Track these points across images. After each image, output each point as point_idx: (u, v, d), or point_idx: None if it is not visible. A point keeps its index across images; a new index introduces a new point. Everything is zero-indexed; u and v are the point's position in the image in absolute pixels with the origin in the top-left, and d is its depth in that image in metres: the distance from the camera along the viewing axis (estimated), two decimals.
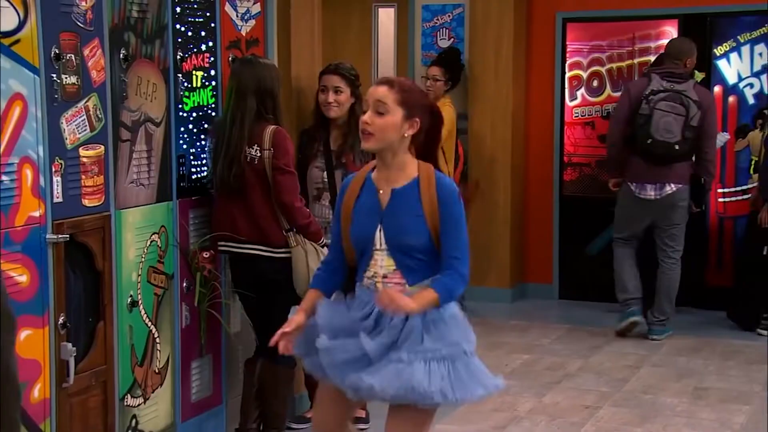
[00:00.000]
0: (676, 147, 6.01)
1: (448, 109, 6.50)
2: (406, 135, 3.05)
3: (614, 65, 7.15)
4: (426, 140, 3.13)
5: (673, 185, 6.10)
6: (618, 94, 6.84)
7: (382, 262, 3.06)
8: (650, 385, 5.41)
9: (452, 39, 7.46)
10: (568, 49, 7.30)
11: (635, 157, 6.13)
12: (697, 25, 6.90)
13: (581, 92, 7.27)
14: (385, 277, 3.06)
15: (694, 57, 6.22)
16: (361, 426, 4.56)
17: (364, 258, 3.09)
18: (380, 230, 3.06)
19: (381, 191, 3.10)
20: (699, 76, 6.87)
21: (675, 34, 6.95)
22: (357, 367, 2.96)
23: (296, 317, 3.20)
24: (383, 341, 2.96)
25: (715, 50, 6.88)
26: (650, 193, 6.15)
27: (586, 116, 7.25)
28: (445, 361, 2.99)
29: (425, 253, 3.05)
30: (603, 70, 7.20)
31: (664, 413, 4.95)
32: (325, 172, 4.49)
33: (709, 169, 6.20)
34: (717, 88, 6.87)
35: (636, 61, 7.04)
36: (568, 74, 7.31)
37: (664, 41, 6.87)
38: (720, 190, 6.95)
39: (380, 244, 3.06)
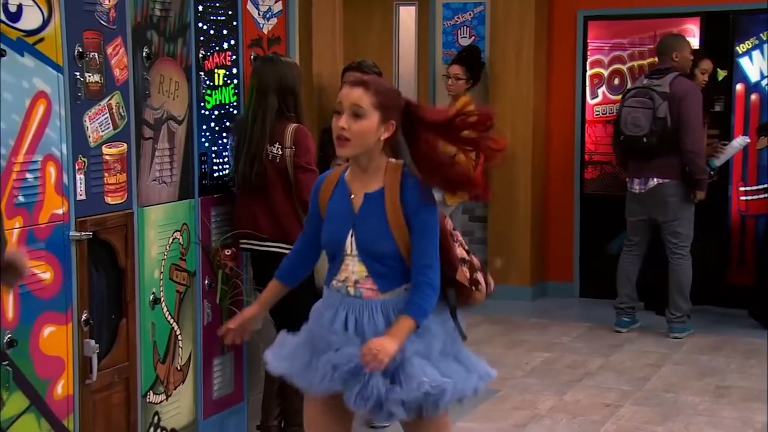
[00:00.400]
0: (644, 140, 6.06)
1: (469, 108, 6.49)
2: (382, 138, 2.93)
3: (635, 63, 7.12)
4: (407, 137, 2.97)
5: (656, 179, 6.13)
6: None
7: (353, 268, 2.96)
8: (672, 384, 5.39)
9: (473, 37, 7.45)
10: (589, 47, 7.28)
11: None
12: (719, 22, 6.87)
13: (602, 90, 7.25)
14: (357, 282, 2.96)
15: (683, 50, 6.22)
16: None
17: (335, 261, 3.00)
18: (351, 236, 2.95)
19: (353, 195, 2.98)
20: (721, 74, 6.85)
21: (697, 32, 6.93)
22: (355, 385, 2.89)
23: (249, 309, 3.20)
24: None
25: (737, 48, 6.84)
26: (636, 187, 6.25)
27: (607, 114, 7.22)
28: (441, 356, 2.93)
29: (396, 259, 2.93)
30: (624, 68, 7.18)
31: (686, 412, 4.93)
32: None
33: (694, 161, 6.10)
34: (739, 86, 6.84)
35: (657, 59, 7.00)
36: (589, 72, 7.29)
37: (687, 39, 6.84)
38: (742, 188, 6.92)
39: (351, 250, 2.95)
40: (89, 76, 3.39)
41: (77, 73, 3.33)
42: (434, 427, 2.97)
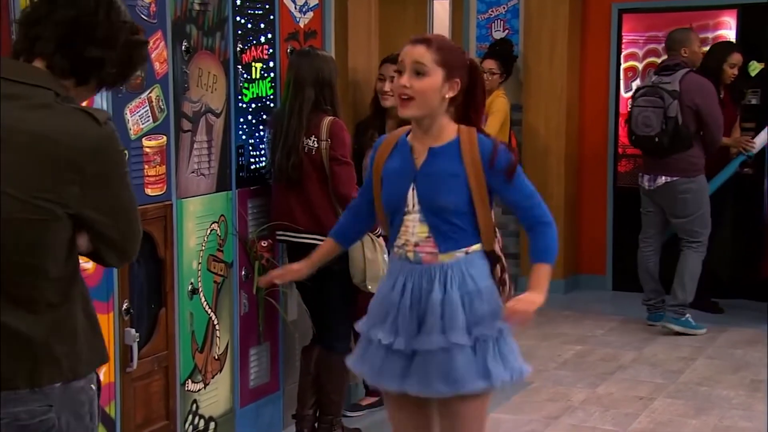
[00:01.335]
0: (656, 139, 6.02)
1: (501, 101, 6.51)
2: (446, 97, 2.83)
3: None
4: (465, 101, 2.89)
5: (666, 177, 6.09)
6: None
7: (413, 229, 2.87)
8: (706, 377, 5.38)
9: (507, 30, 7.45)
10: (623, 40, 7.25)
11: None
12: (756, 14, 6.82)
13: (636, 83, 7.22)
14: (416, 245, 2.86)
15: (692, 45, 6.16)
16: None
17: (394, 224, 2.91)
18: (413, 190, 2.86)
19: (416, 152, 2.89)
20: (758, 66, 6.80)
21: (733, 25, 6.88)
22: (396, 369, 2.88)
23: (297, 264, 3.18)
24: (417, 327, 2.85)
25: None
26: (646, 183, 6.24)
27: None
28: (481, 343, 2.85)
29: (461, 216, 2.84)
30: (659, 61, 7.12)
31: (720, 405, 4.92)
32: None
33: (715, 150, 6.15)
34: None
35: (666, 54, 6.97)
36: (623, 65, 7.27)
37: (723, 32, 6.82)
38: None
39: (412, 206, 2.86)
40: None
41: None
42: (476, 409, 2.93)
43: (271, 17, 4.23)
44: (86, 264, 3.29)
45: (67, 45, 2.07)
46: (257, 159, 4.23)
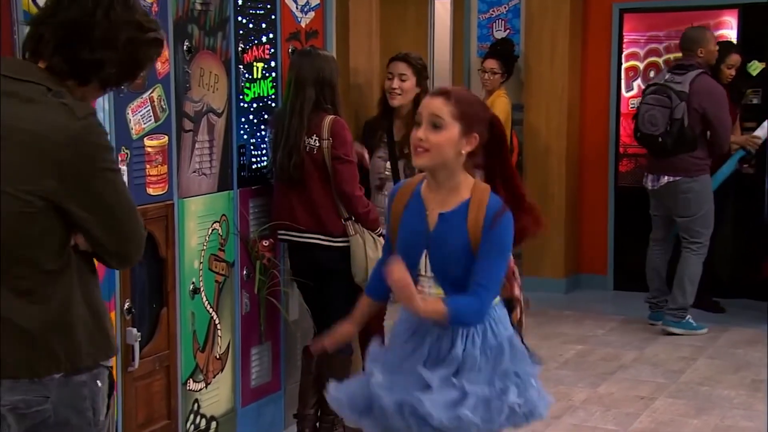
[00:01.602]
0: (660, 139, 6.01)
1: (503, 101, 6.52)
2: (463, 152, 2.77)
3: (672, 56, 7.07)
4: (491, 163, 2.85)
5: (669, 177, 6.08)
6: None
7: (429, 290, 2.84)
8: (707, 377, 5.38)
9: (508, 30, 7.45)
10: (624, 40, 7.26)
11: None
12: (757, 14, 6.82)
13: (637, 83, 7.23)
14: None
15: (708, 44, 6.14)
16: None
17: (411, 277, 2.82)
18: (426, 257, 2.82)
19: (428, 212, 2.83)
20: (759, 66, 6.80)
21: (734, 25, 6.88)
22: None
23: (343, 328, 3.08)
24: (444, 373, 2.79)
25: None
26: (649, 183, 6.24)
27: None
28: (498, 392, 2.82)
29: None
30: (660, 60, 7.15)
31: (721, 405, 4.92)
32: (388, 162, 4.53)
33: (718, 154, 6.15)
34: None
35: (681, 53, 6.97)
36: (624, 65, 7.27)
37: (724, 31, 6.82)
38: None
39: (425, 271, 2.83)
40: None
41: None
42: None
43: (273, 17, 4.23)
44: None
45: (64, 47, 2.10)
46: (259, 158, 4.23)
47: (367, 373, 2.93)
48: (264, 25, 4.18)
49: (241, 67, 4.06)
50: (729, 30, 6.92)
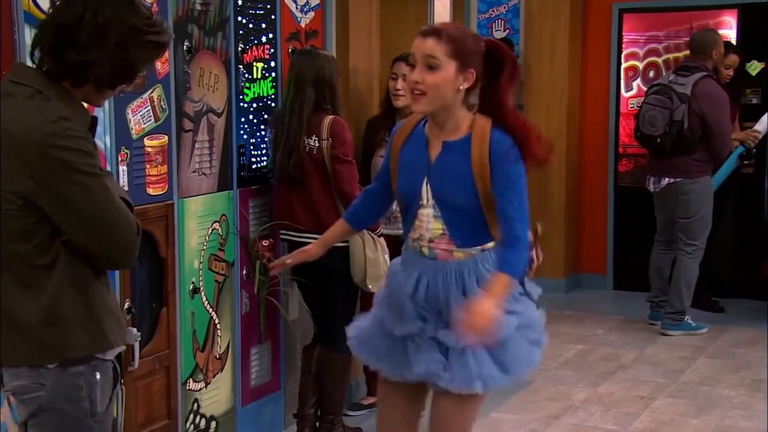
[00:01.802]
0: (658, 140, 6.00)
1: None
2: (461, 89, 2.74)
3: (671, 56, 7.10)
4: (488, 90, 2.79)
5: (669, 178, 6.07)
6: None
7: (428, 224, 2.82)
8: (707, 377, 5.38)
9: (508, 30, 7.46)
10: (624, 40, 7.27)
11: None
12: (757, 14, 6.83)
13: (637, 83, 7.24)
14: (431, 241, 2.82)
15: (720, 46, 6.12)
16: None
17: (409, 214, 2.87)
18: (427, 184, 2.80)
19: (431, 145, 2.82)
20: (758, 66, 6.81)
21: (734, 25, 6.89)
22: (401, 357, 2.87)
23: (309, 246, 3.13)
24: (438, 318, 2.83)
25: None
26: (651, 185, 6.22)
27: None
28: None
29: (474, 214, 2.79)
30: (660, 60, 7.16)
31: (721, 405, 4.93)
32: None
33: (717, 160, 6.13)
34: None
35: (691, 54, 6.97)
36: (624, 65, 7.28)
37: (723, 31, 6.82)
38: None
39: (426, 200, 2.81)
40: None
41: None
42: (471, 404, 2.89)
43: (273, 17, 4.23)
44: None
45: (55, 49, 2.16)
46: (258, 158, 4.23)
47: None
48: (264, 25, 4.19)
49: (240, 67, 4.06)
50: (728, 30, 6.92)
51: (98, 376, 2.22)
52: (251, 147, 4.18)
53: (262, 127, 4.24)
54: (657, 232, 6.44)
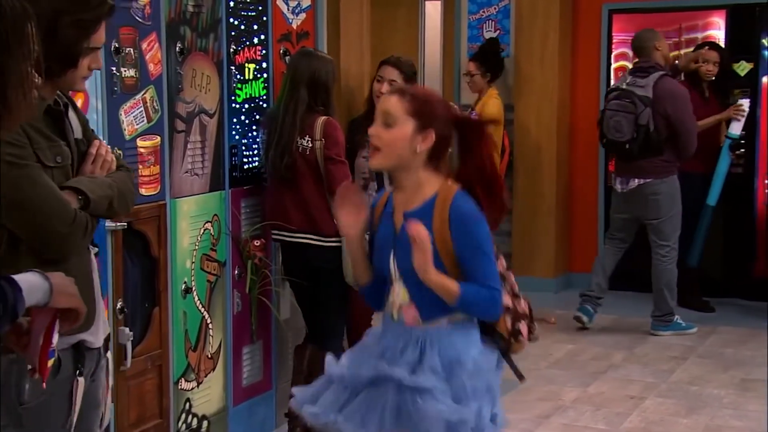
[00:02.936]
0: (627, 146, 5.98)
1: (494, 102, 6.55)
2: (418, 150, 2.67)
3: None
4: (461, 157, 2.74)
5: (638, 179, 6.05)
6: None
7: (398, 291, 2.75)
8: (696, 377, 5.40)
9: (498, 31, 7.48)
10: (613, 40, 7.30)
11: None
12: (745, 15, 6.87)
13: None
14: (401, 307, 2.75)
15: (661, 41, 6.13)
16: None
17: (386, 284, 2.80)
18: (393, 259, 2.74)
19: (396, 214, 2.75)
20: (747, 66, 6.85)
21: (722, 25, 6.93)
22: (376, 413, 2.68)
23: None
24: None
25: (763, 40, 6.83)
26: (618, 186, 6.19)
27: None
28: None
29: None
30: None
31: (711, 404, 4.94)
32: None
33: (685, 157, 6.12)
34: (765, 79, 6.83)
35: (682, 51, 7.01)
36: (613, 65, 7.31)
37: (712, 32, 6.86)
38: (767, 181, 6.91)
39: (394, 273, 2.74)
40: (125, 71, 3.47)
41: (113, 68, 3.42)
42: None
43: (264, 19, 4.25)
44: None
45: None
46: (250, 159, 4.25)
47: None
48: (256, 27, 4.20)
49: (232, 68, 4.08)
50: (717, 30, 6.96)
51: (29, 366, 2.10)
52: (243, 147, 4.20)
53: (254, 127, 4.26)
54: (610, 230, 6.38)
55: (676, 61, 6.67)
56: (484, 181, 2.74)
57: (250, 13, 4.16)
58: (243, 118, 4.19)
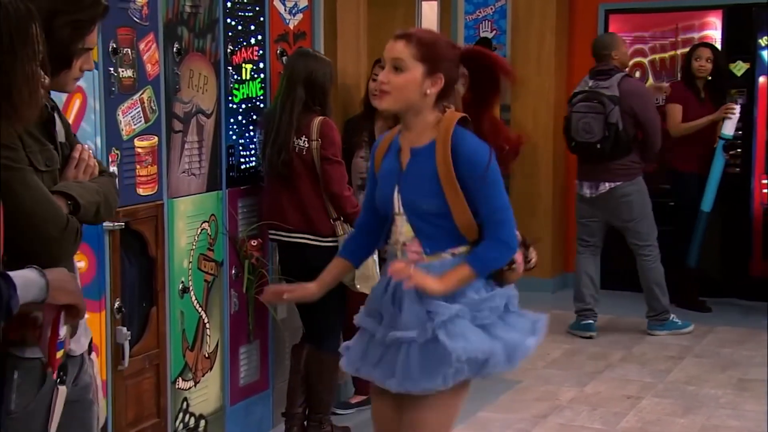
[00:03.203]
0: (598, 146, 5.94)
1: None
2: (428, 92, 2.74)
3: (657, 56, 7.14)
4: (471, 96, 2.80)
5: (609, 183, 6.02)
6: (660, 84, 6.98)
7: (401, 228, 2.82)
8: (693, 376, 5.41)
9: (495, 31, 7.49)
10: None
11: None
12: (741, 15, 6.87)
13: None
14: (404, 245, 2.82)
15: (620, 47, 6.15)
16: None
17: (388, 221, 2.87)
18: (397, 192, 2.81)
19: (402, 152, 2.83)
20: (743, 66, 6.86)
21: (719, 25, 6.94)
22: (374, 359, 2.85)
23: (309, 285, 3.03)
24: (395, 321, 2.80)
25: (759, 40, 6.83)
26: (586, 191, 6.14)
27: None
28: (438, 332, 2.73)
29: (444, 218, 2.76)
30: (645, 61, 7.20)
31: (708, 404, 4.95)
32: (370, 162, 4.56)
33: (651, 158, 6.17)
34: (762, 79, 6.83)
35: (679, 52, 7.02)
36: None
37: (709, 32, 6.87)
38: (764, 181, 6.92)
39: (398, 208, 2.81)
40: (122, 71, 3.48)
41: (111, 69, 3.43)
42: (444, 406, 2.81)
43: (261, 19, 4.26)
44: (79, 263, 3.32)
45: None
46: (247, 159, 4.26)
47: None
48: (253, 27, 4.21)
49: (230, 68, 4.09)
50: (713, 31, 6.98)
51: (15, 374, 2.14)
52: (240, 147, 4.21)
53: (251, 127, 4.26)
54: (583, 237, 6.26)
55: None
56: (491, 116, 2.82)
57: (247, 14, 4.16)
58: (240, 118, 4.20)
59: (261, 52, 4.27)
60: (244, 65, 4.17)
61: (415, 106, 2.77)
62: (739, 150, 6.76)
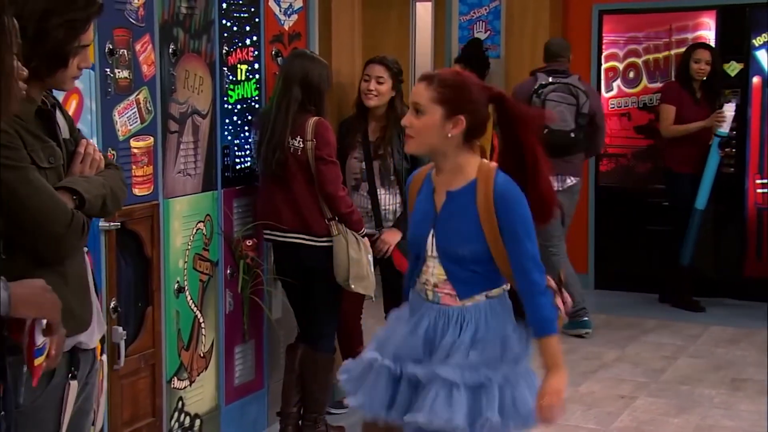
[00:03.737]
0: (572, 135, 6.01)
1: None
2: (450, 135, 2.74)
3: (651, 56, 7.17)
4: (505, 136, 2.83)
5: (572, 178, 6.11)
6: (655, 85, 6.99)
7: (433, 269, 2.81)
8: (687, 376, 5.42)
9: (489, 32, 7.51)
10: (604, 41, 7.33)
11: None
12: (735, 15, 6.91)
13: (617, 83, 7.30)
14: (436, 286, 2.82)
15: (569, 53, 6.24)
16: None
17: (419, 261, 2.86)
18: (432, 236, 2.81)
19: (437, 193, 2.83)
20: (737, 67, 6.89)
21: (713, 26, 6.96)
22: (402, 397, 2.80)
23: None
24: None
25: (753, 41, 6.87)
26: (556, 184, 6.08)
27: (622, 107, 7.28)
28: (483, 387, 2.74)
29: (479, 263, 2.77)
30: (639, 61, 7.22)
31: (702, 404, 4.96)
32: (363, 163, 4.58)
33: (596, 153, 6.48)
34: (756, 79, 6.86)
35: (673, 52, 7.05)
36: (604, 66, 7.33)
37: (702, 32, 6.89)
38: (758, 181, 6.95)
39: (432, 251, 2.81)
40: (119, 72, 3.48)
41: (107, 70, 3.43)
42: None
43: (257, 20, 4.27)
44: None
45: None
46: (242, 159, 4.27)
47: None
48: (248, 28, 4.22)
49: (225, 69, 4.10)
50: (707, 31, 7.00)
51: (24, 368, 2.14)
52: (235, 148, 4.22)
53: (246, 128, 4.28)
54: (554, 236, 6.11)
55: None
56: (525, 165, 2.80)
57: (242, 15, 4.17)
58: (235, 118, 4.21)
59: (256, 52, 4.28)
60: (239, 66, 4.18)
61: (440, 149, 2.78)
62: (733, 150, 6.79)
